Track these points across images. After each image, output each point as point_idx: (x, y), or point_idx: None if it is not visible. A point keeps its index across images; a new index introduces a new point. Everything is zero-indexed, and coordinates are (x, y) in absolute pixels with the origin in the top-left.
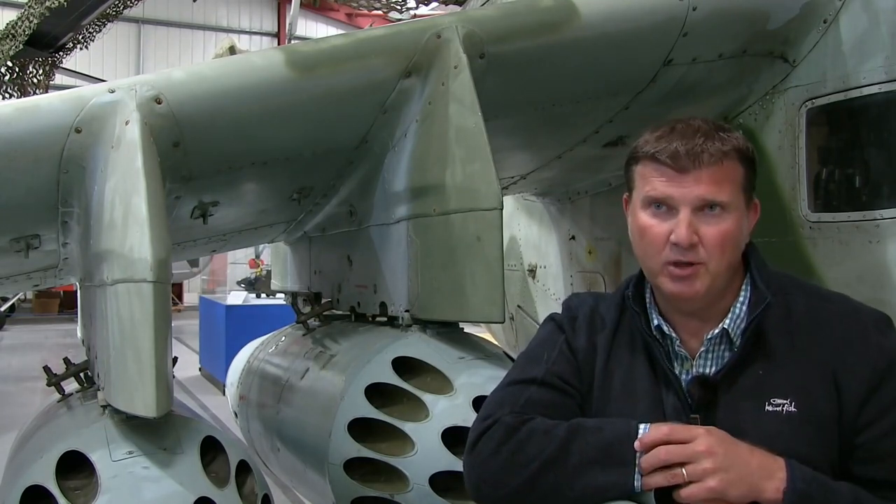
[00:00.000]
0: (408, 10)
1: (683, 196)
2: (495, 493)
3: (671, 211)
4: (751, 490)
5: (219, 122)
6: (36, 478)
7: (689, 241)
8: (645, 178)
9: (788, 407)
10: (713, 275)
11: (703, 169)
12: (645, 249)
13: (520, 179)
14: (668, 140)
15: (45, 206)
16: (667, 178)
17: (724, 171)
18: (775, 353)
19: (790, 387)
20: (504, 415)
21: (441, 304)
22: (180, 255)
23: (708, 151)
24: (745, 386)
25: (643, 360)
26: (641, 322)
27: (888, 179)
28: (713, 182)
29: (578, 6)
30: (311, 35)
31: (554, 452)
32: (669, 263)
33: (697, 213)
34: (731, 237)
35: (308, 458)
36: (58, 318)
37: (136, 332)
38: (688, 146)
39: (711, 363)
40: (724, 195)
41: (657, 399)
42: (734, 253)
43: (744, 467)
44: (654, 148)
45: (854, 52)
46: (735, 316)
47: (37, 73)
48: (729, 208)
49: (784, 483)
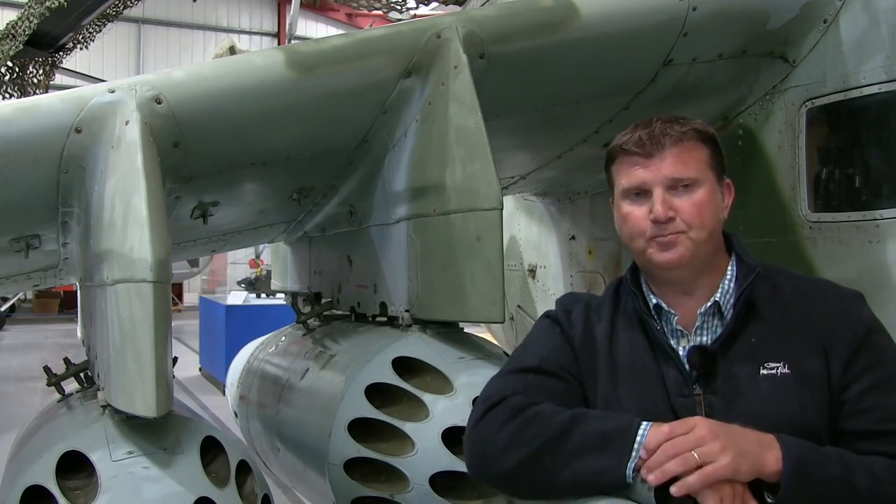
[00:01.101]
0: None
1: (654, 178)
2: (494, 469)
3: (647, 195)
4: (755, 463)
5: (219, 122)
6: (36, 478)
7: (665, 215)
8: (619, 173)
9: (782, 369)
10: (695, 242)
11: (666, 150)
12: (630, 233)
13: (520, 179)
14: (632, 132)
15: (45, 206)
16: (637, 165)
17: (687, 150)
18: (766, 323)
19: (782, 352)
20: (510, 395)
21: (441, 304)
22: (180, 255)
23: (668, 134)
24: (740, 353)
25: (642, 339)
26: (639, 302)
27: (888, 179)
28: (678, 161)
29: (578, 6)
30: (311, 35)
31: (555, 435)
32: (653, 237)
33: (671, 192)
34: (705, 205)
35: (308, 458)
36: (58, 318)
37: (136, 332)
38: (650, 132)
39: (706, 336)
40: (691, 171)
41: (658, 375)
42: (712, 221)
43: (745, 444)
44: (621, 141)
45: (854, 52)
46: (724, 291)
47: (37, 73)
48: (698, 182)
49: (780, 452)
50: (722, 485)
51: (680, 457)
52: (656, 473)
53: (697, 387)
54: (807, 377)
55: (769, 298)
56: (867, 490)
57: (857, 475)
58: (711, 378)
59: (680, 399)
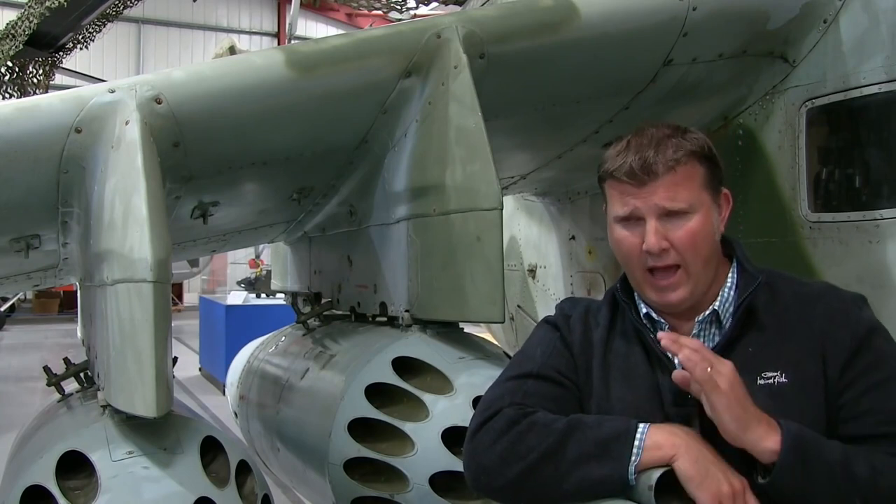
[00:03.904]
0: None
1: (646, 205)
2: (493, 483)
3: (640, 221)
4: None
5: (219, 122)
6: (36, 478)
7: (658, 247)
8: (612, 197)
9: (779, 378)
10: (693, 276)
11: (658, 179)
12: (624, 261)
13: (520, 179)
14: (623, 156)
15: (45, 206)
16: (629, 194)
17: (681, 176)
18: (764, 331)
19: (780, 361)
20: (505, 406)
21: (441, 304)
22: (180, 255)
23: (660, 162)
24: (736, 362)
25: (638, 349)
26: (631, 311)
27: (888, 179)
28: (670, 189)
29: (578, 6)
30: (311, 35)
31: (553, 445)
32: (648, 271)
33: (663, 220)
34: (699, 235)
35: (308, 458)
36: (58, 318)
37: (136, 332)
38: (641, 160)
39: (704, 344)
40: (683, 200)
41: (654, 383)
42: (707, 248)
43: (751, 409)
44: (613, 166)
45: (854, 52)
46: (724, 299)
47: (37, 73)
48: (693, 208)
49: (779, 431)
50: (720, 483)
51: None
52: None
53: (692, 396)
54: (805, 384)
55: (768, 306)
56: (865, 480)
57: (856, 464)
58: None
59: (674, 408)
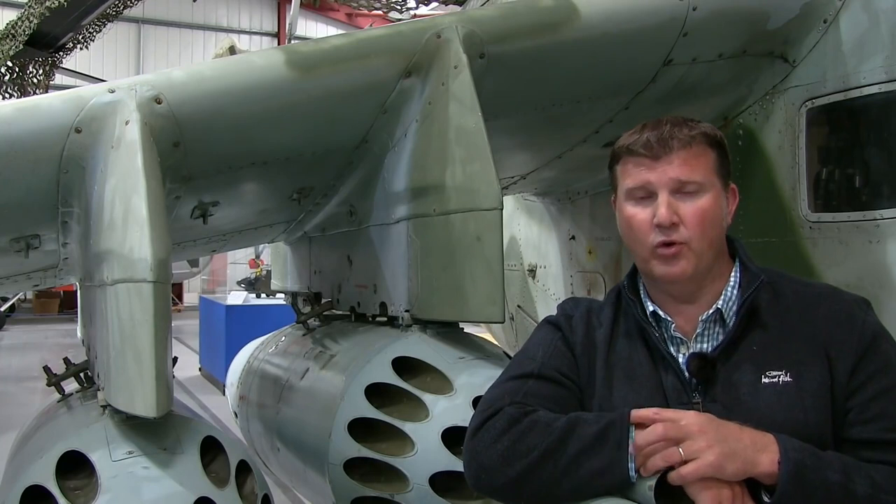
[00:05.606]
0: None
1: (660, 179)
2: (494, 482)
3: (651, 197)
4: (745, 464)
5: (219, 123)
6: (36, 478)
7: (669, 220)
8: (625, 173)
9: (784, 377)
10: (697, 254)
11: (674, 153)
12: (633, 237)
13: (520, 179)
14: (639, 133)
15: (45, 206)
16: (643, 167)
17: (695, 154)
18: (768, 330)
19: (784, 360)
20: (506, 405)
21: (441, 304)
22: (180, 255)
23: (677, 137)
24: (740, 361)
25: (641, 347)
26: (637, 309)
27: (888, 179)
28: (685, 164)
29: (578, 6)
30: (311, 35)
31: (553, 443)
32: (656, 247)
33: (675, 195)
34: (709, 214)
35: (308, 458)
36: (58, 318)
37: (136, 332)
38: (658, 134)
39: (708, 343)
40: (698, 175)
41: (657, 382)
42: (714, 230)
43: (737, 442)
44: (628, 142)
45: (854, 52)
46: (727, 298)
47: (37, 73)
48: (704, 188)
49: (778, 454)
50: (720, 485)
51: (665, 451)
52: (644, 466)
53: (697, 395)
54: (809, 384)
55: (771, 305)
56: (866, 498)
57: (857, 482)
58: (711, 386)
59: (678, 406)
